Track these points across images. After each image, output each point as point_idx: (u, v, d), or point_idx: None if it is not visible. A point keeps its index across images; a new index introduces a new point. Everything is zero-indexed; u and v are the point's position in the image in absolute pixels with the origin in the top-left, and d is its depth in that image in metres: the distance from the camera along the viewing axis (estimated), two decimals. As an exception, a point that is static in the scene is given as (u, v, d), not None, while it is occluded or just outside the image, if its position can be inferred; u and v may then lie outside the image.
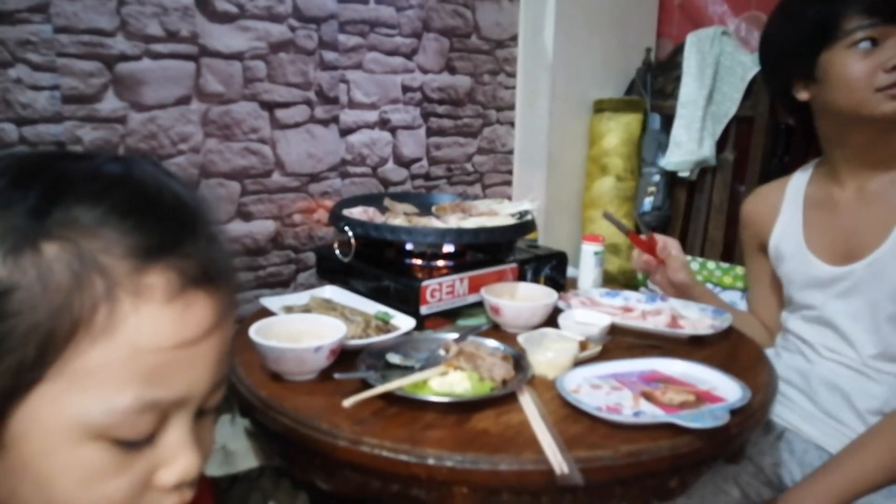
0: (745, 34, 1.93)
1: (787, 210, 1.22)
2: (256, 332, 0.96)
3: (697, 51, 1.79)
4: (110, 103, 1.17)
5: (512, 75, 1.81)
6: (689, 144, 1.78)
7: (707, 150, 1.78)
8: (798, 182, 1.23)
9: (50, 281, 0.39)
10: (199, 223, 0.45)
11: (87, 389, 0.40)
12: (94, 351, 0.39)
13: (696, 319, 1.24)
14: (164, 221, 0.42)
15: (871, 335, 1.09)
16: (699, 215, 1.85)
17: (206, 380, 0.45)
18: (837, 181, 1.15)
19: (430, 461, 0.78)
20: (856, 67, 1.03)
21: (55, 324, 0.39)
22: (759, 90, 1.72)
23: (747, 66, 1.74)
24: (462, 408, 0.89)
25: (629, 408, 0.89)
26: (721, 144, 1.81)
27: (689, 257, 1.71)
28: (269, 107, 1.37)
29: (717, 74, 1.77)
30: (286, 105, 1.40)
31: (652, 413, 0.88)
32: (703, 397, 0.93)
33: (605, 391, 0.95)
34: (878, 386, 1.09)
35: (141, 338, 0.40)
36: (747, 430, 0.93)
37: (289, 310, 1.17)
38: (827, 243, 1.15)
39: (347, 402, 0.84)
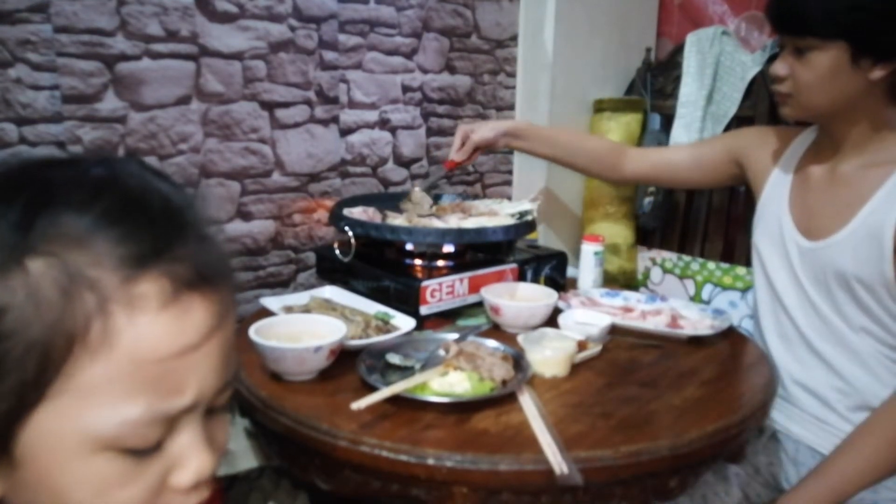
0: (744, 34, 1.93)
1: (782, 166, 1.21)
2: (256, 332, 0.97)
3: (697, 51, 1.79)
4: (110, 103, 1.17)
5: (512, 75, 1.81)
6: (689, 144, 1.78)
7: (707, 150, 1.78)
8: (800, 143, 1.21)
9: (40, 298, 0.38)
10: (188, 224, 0.43)
11: (94, 404, 0.39)
12: (95, 366, 0.39)
13: (696, 319, 1.24)
14: (152, 226, 0.41)
15: (814, 321, 1.13)
16: (699, 215, 1.85)
17: (213, 382, 0.44)
18: (818, 157, 1.16)
19: (430, 461, 0.78)
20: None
21: (51, 341, 0.38)
22: (759, 90, 1.72)
23: (747, 65, 1.74)
24: (462, 408, 0.89)
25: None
26: (721, 144, 1.81)
27: (688, 257, 1.72)
28: (269, 107, 1.37)
29: (716, 74, 1.77)
30: (286, 105, 1.40)
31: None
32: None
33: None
34: (848, 386, 1.10)
35: (140, 349, 0.40)
36: (748, 429, 0.93)
37: (289, 310, 1.17)
38: (797, 214, 1.16)
39: (356, 405, 0.84)
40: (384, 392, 0.87)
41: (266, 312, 1.16)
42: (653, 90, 1.92)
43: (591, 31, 1.87)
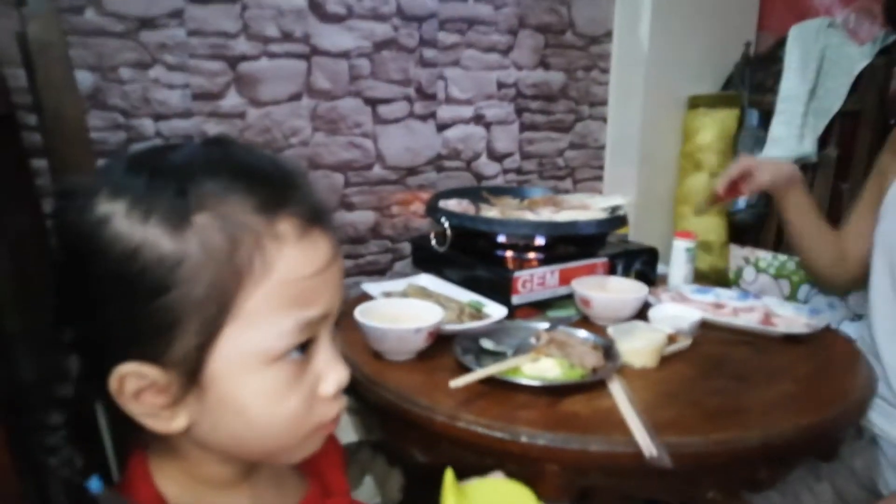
0: (854, 25, 1.85)
1: None
2: (361, 313, 1.04)
3: (801, 44, 1.73)
4: (232, 100, 1.28)
5: (606, 71, 1.81)
6: (789, 140, 1.73)
7: (808, 147, 1.73)
8: None
9: (211, 246, 0.46)
10: (297, 176, 0.52)
11: (260, 323, 0.48)
12: (258, 292, 0.47)
13: (791, 318, 1.22)
14: (273, 180, 0.50)
15: None
16: (798, 213, 1.80)
17: (336, 298, 0.53)
18: None
19: (523, 439, 0.82)
20: None
21: (225, 278, 0.46)
22: (866, 84, 1.65)
23: (855, 58, 1.67)
24: (553, 392, 0.92)
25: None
26: (823, 141, 1.75)
27: (784, 256, 1.68)
28: (372, 103, 1.45)
29: (821, 68, 1.72)
30: (387, 101, 1.47)
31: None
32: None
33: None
34: None
35: (288, 273, 0.48)
36: (842, 427, 0.92)
37: (388, 295, 1.24)
38: None
39: (454, 383, 0.89)
40: (480, 373, 0.92)
41: (367, 297, 1.23)
42: (751, 85, 1.88)
43: (689, 24, 1.85)
